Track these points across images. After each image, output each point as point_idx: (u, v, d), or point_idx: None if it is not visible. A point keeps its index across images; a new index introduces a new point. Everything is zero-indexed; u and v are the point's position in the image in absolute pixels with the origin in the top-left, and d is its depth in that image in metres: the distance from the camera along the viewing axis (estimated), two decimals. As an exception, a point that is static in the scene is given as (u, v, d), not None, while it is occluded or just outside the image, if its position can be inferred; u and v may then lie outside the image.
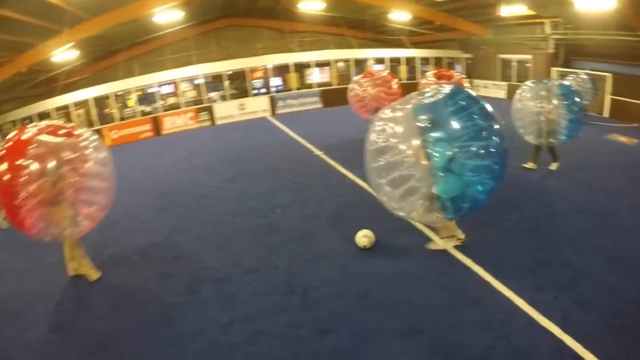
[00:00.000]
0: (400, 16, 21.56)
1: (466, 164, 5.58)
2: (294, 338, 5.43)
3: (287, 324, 5.74)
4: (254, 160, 13.91)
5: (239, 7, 24.58)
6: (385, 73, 15.54)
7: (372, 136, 6.16)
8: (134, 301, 6.81)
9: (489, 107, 5.83)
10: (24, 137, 6.59)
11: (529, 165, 10.55)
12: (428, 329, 5.33)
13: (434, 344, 5.09)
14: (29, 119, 21.74)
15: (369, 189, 9.74)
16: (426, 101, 5.81)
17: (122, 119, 21.77)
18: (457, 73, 13.77)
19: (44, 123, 7.21)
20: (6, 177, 6.28)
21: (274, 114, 23.26)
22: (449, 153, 5.57)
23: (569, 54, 19.66)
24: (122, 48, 22.42)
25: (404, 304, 5.83)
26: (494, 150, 5.60)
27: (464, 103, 5.68)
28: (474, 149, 5.55)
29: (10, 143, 6.62)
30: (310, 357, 5.11)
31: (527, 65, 21.84)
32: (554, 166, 10.50)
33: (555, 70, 19.40)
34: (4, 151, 6.45)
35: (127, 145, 20.35)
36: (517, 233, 7.52)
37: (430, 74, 13.78)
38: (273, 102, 23.56)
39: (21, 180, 6.22)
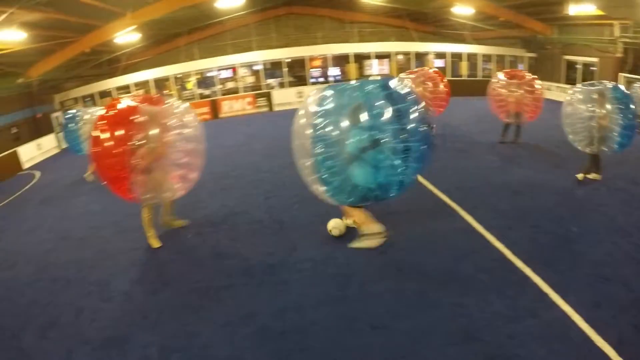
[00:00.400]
0: (463, 10, 20.61)
1: (378, 156, 5.43)
2: (346, 331, 5.20)
3: (340, 315, 5.48)
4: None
5: (300, -5, 24.34)
6: (431, 70, 14.53)
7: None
8: (187, 279, 6.79)
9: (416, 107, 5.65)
10: (121, 107, 7.05)
11: (592, 176, 9.54)
12: (484, 337, 4.89)
13: (489, 353, 4.67)
14: (91, 97, 22.50)
15: (430, 186, 9.31)
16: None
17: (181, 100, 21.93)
18: (529, 74, 12.76)
19: (131, 95, 7.50)
20: (108, 145, 6.74)
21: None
22: (363, 141, 5.40)
23: (639, 59, 18.04)
24: (182, 32, 22.63)
25: (459, 307, 5.40)
26: (409, 150, 5.45)
27: (393, 97, 5.53)
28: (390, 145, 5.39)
29: (110, 113, 6.97)
30: (362, 351, 4.87)
31: (592, 68, 20.16)
32: (593, 176, 9.51)
33: (622, 75, 17.69)
34: (105, 121, 6.85)
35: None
36: (578, 245, 6.84)
37: (501, 73, 12.92)
38: None
39: (125, 148, 6.65)
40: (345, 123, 5.45)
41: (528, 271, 6.01)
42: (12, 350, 5.85)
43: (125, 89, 21.94)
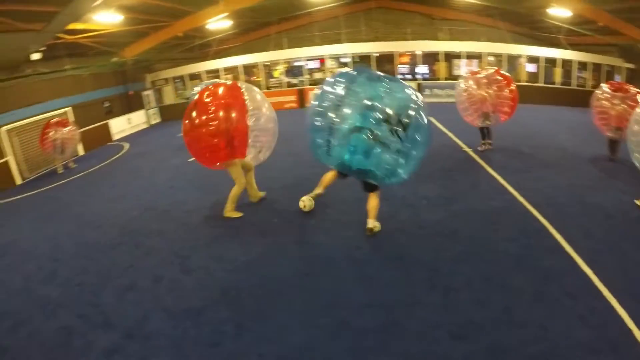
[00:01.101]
0: (560, 12, 18.94)
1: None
2: (427, 336, 4.88)
3: (422, 319, 5.15)
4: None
5: (391, -11, 23.82)
6: (492, 71, 12.54)
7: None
8: (266, 262, 6.70)
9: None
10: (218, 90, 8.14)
11: None
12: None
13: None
14: (181, 79, 23.44)
15: (519, 197, 8.60)
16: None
17: (267, 87, 22.18)
18: (634, 88, 11.41)
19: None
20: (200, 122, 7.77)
21: (419, 100, 21.70)
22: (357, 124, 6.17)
23: None
24: (272, 21, 22.83)
25: (543, 331, 4.89)
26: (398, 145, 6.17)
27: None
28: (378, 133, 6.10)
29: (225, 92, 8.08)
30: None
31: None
32: None
33: None
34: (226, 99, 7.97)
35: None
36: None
37: (606, 85, 11.67)
38: (419, 90, 22.09)
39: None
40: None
41: (614, 302, 5.35)
42: (90, 307, 6.04)
43: (214, 73, 22.57)
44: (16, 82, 17.25)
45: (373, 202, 7.18)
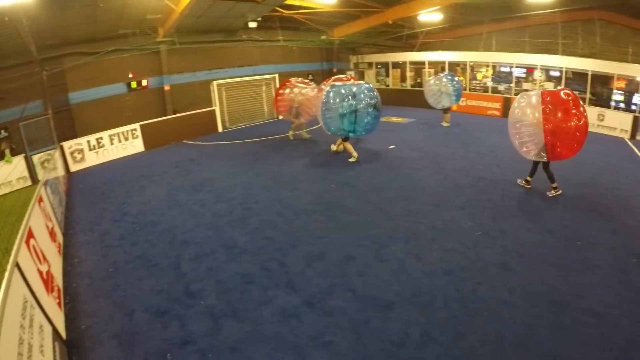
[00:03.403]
0: None
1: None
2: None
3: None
4: (592, 181, 10.05)
5: (614, -1, 20.60)
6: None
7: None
8: (466, 276, 6.15)
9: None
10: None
11: None
12: None
13: None
14: (384, 65, 24.02)
15: None
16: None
17: (469, 89, 21.35)
18: None
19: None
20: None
21: (633, 137, 17.19)
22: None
23: None
24: (482, 21, 21.69)
25: None
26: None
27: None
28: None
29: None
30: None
31: None
32: None
33: None
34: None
35: (470, 115, 19.97)
36: None
37: None
38: (637, 124, 17.37)
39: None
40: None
41: None
42: (275, 263, 6.38)
43: (418, 65, 22.49)
44: (232, 45, 19.56)
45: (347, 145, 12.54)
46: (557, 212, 7.80)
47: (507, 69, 20.64)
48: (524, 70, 20.38)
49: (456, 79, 16.90)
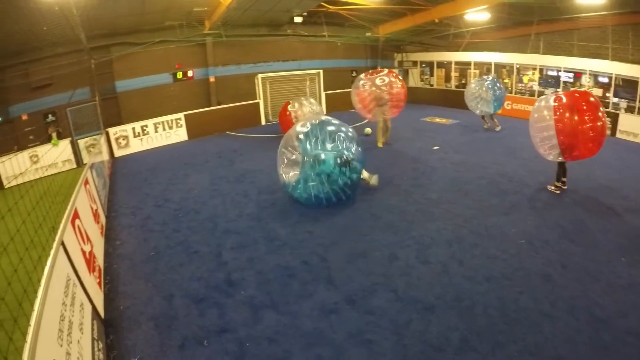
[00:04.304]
0: None
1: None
2: None
3: None
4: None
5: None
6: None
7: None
8: (509, 288, 5.87)
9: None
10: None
11: None
12: None
13: None
14: (428, 65, 23.54)
15: None
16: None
17: (514, 92, 20.70)
18: None
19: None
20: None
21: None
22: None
23: None
24: (530, 21, 20.98)
25: None
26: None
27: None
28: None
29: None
30: None
31: None
32: None
33: None
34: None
35: (515, 119, 18.93)
36: None
37: None
38: None
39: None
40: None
41: None
42: (316, 258, 6.26)
43: (464, 65, 21.92)
44: (277, 39, 19.59)
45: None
46: (603, 225, 7.33)
47: (554, 73, 19.87)
48: (571, 74, 19.55)
49: (499, 84, 16.06)
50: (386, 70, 13.21)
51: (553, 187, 9.20)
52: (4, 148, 12.75)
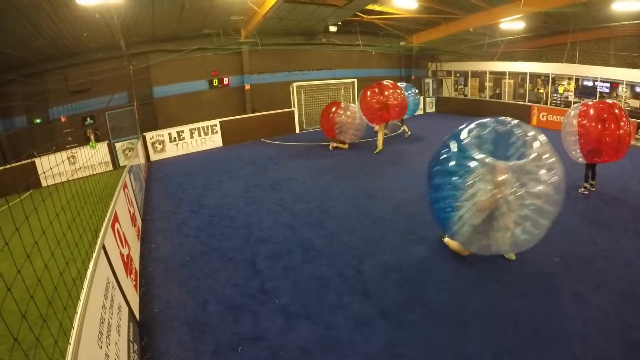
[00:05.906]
0: None
1: None
2: None
3: None
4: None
5: None
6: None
7: None
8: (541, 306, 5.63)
9: None
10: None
11: None
12: None
13: None
14: (463, 75, 23.30)
15: None
16: None
17: (549, 103, 20.21)
18: None
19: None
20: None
21: None
22: None
23: None
24: (566, 30, 20.46)
25: None
26: None
27: None
28: None
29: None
30: None
31: None
32: None
33: None
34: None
35: (550, 131, 18.39)
36: None
37: None
38: None
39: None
40: None
41: None
42: (351, 270, 6.18)
43: (498, 75, 21.57)
44: (312, 48, 19.73)
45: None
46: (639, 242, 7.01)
47: (590, 83, 19.24)
48: (608, 84, 18.87)
49: (413, 90, 17.21)
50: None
51: (582, 189, 9.54)
52: (42, 148, 13.16)
